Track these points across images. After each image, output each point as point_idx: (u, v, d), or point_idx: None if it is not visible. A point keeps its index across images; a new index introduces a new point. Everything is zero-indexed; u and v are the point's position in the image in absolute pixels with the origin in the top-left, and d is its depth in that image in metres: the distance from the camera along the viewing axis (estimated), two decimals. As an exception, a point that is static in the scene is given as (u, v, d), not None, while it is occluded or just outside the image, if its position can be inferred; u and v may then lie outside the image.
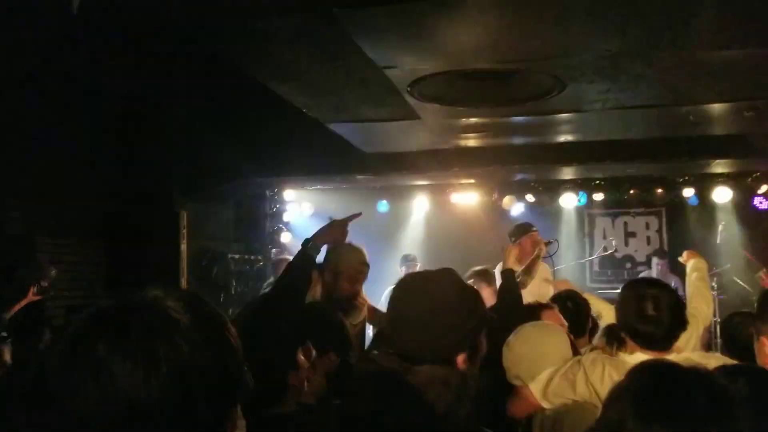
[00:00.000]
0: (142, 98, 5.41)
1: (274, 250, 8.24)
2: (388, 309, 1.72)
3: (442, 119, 5.34)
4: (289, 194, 8.63)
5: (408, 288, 1.71)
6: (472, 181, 8.30)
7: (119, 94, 5.29)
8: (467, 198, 8.57)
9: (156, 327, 0.92)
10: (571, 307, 3.44)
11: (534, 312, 3.07)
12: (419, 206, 8.86)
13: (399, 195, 8.85)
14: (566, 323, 3.08)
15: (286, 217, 8.61)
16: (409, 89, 4.28)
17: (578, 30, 3.47)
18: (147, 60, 4.34)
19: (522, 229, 5.53)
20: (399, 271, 7.56)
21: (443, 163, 6.91)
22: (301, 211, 8.77)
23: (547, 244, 4.94)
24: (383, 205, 8.85)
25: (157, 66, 4.44)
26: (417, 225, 9.06)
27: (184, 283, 6.39)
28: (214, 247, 7.45)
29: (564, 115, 5.38)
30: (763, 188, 7.85)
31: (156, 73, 4.57)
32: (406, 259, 7.44)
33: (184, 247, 6.45)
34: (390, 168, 7.09)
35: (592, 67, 4.02)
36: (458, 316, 1.63)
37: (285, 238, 8.43)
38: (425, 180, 8.36)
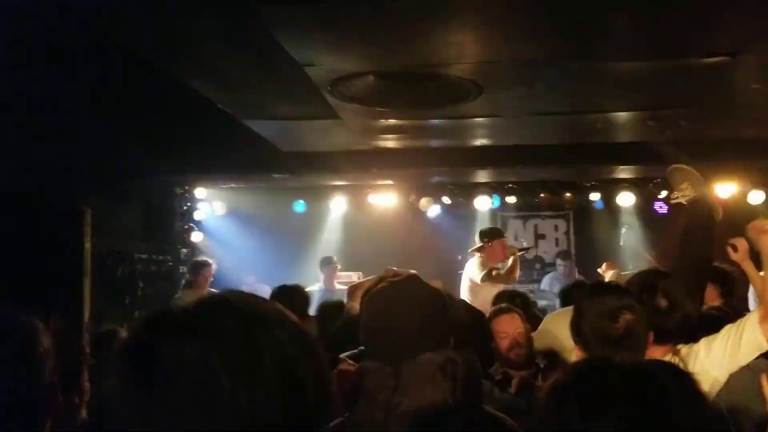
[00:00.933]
0: (44, 90, 5.09)
1: (184, 250, 7.98)
2: (372, 323, 1.72)
3: (362, 120, 5.32)
4: (200, 192, 8.36)
5: (389, 300, 1.71)
6: (390, 182, 8.32)
7: (18, 85, 4.95)
8: (385, 199, 8.59)
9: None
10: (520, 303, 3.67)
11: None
12: (336, 207, 8.80)
13: (316, 195, 8.75)
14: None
15: (197, 216, 8.34)
16: (329, 88, 4.23)
17: (497, 37, 3.53)
18: (51, 50, 4.08)
19: (495, 233, 6.13)
20: (318, 274, 7.50)
21: (362, 163, 6.89)
22: (213, 210, 8.54)
23: (526, 249, 5.47)
24: (300, 205, 8.73)
25: (62, 56, 4.19)
26: (334, 225, 8.99)
27: (87, 283, 6.07)
28: (120, 247, 7.12)
29: (480, 120, 5.47)
30: (663, 193, 8.25)
31: (60, 63, 4.31)
32: (327, 262, 7.41)
33: (88, 245, 6.12)
34: (308, 167, 7.00)
35: (509, 73, 4.11)
36: (439, 317, 1.69)
37: (196, 237, 8.17)
38: (343, 180, 8.32)
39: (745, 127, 5.71)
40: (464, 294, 5.90)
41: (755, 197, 8.05)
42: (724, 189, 8.05)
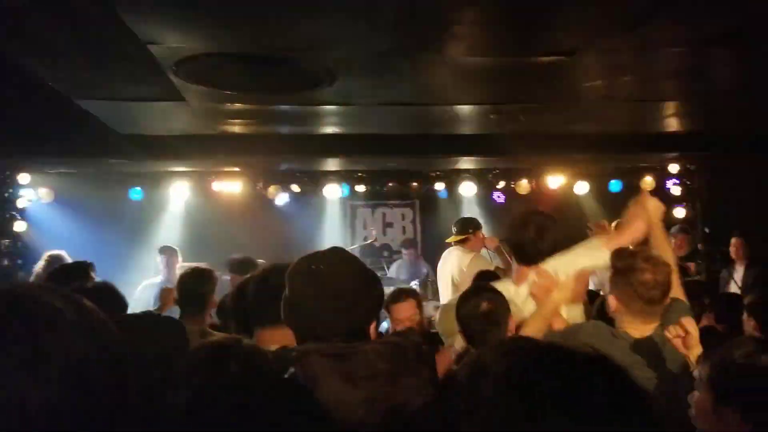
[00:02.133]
0: None
1: (5, 241, 7.26)
2: (296, 297, 1.73)
3: (208, 103, 5.08)
4: (24, 178, 7.63)
5: (313, 273, 1.74)
6: (237, 169, 8.08)
7: None
8: (230, 186, 8.32)
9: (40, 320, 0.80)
10: None
11: None
12: (178, 194, 8.38)
13: (155, 182, 8.29)
14: None
15: (20, 204, 7.61)
16: (174, 68, 3.97)
17: (351, 25, 3.50)
18: None
19: (477, 223, 6.18)
20: (156, 262, 7.11)
21: (207, 149, 6.61)
22: (38, 197, 7.83)
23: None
24: (137, 193, 8.24)
25: None
26: (175, 213, 8.57)
27: None
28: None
29: (331, 108, 5.44)
30: (502, 184, 8.74)
31: None
32: (167, 250, 7.06)
33: None
34: (147, 152, 6.59)
35: (361, 62, 4.10)
36: (367, 288, 1.76)
37: (19, 227, 7.46)
38: (185, 166, 7.95)
39: (575, 122, 6.15)
40: (444, 288, 5.83)
41: (580, 188, 8.74)
42: (555, 180, 8.69)
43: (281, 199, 8.45)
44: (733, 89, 5.03)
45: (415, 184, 8.61)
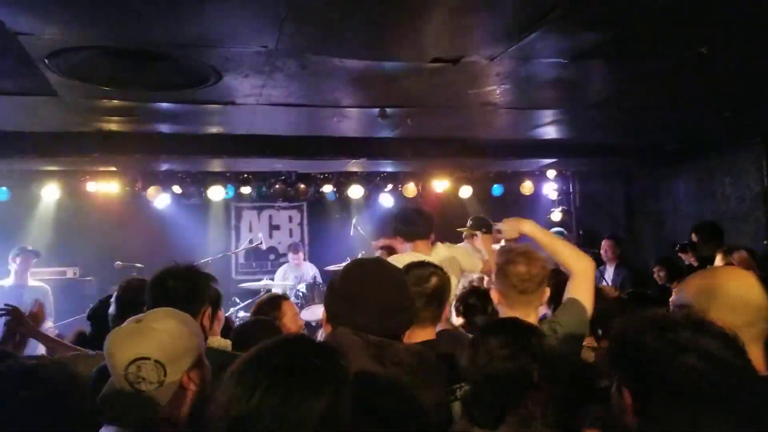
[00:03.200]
0: None
1: None
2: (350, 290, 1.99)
3: (83, 99, 4.77)
4: None
5: (374, 274, 2.04)
6: (113, 168, 7.67)
7: None
8: (106, 187, 7.90)
9: None
10: None
11: None
12: (48, 195, 7.85)
13: (23, 181, 7.73)
14: None
15: None
16: (47, 61, 3.70)
17: (237, 21, 3.40)
18: None
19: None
20: (10, 264, 6.64)
21: (81, 147, 6.23)
22: None
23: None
24: (2, 193, 7.65)
25: None
26: (45, 216, 8.03)
27: None
28: None
29: (216, 107, 5.27)
30: (389, 186, 8.85)
31: None
32: (21, 251, 6.63)
33: None
34: (14, 149, 6.13)
35: (248, 61, 3.99)
36: (409, 301, 2.07)
37: None
38: (57, 165, 7.46)
39: (460, 127, 6.32)
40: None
41: (465, 192, 9.01)
42: (440, 184, 8.91)
43: (161, 200, 8.11)
44: (605, 100, 5.34)
45: (302, 186, 8.55)
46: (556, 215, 9.16)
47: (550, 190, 9.49)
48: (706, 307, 1.80)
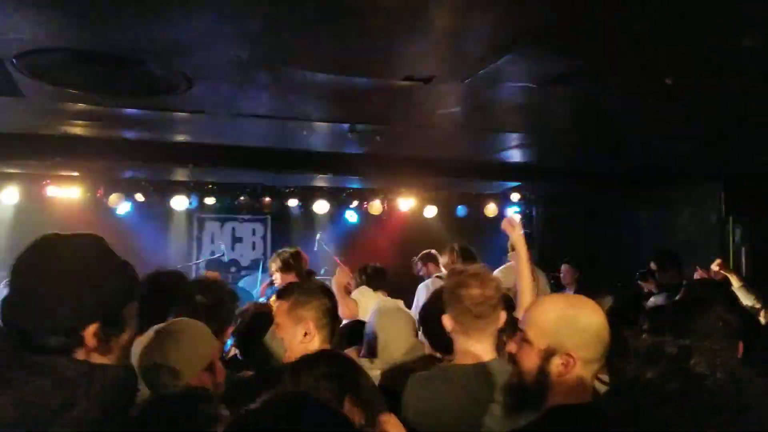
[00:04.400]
0: None
1: None
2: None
3: (49, 101, 4.69)
4: None
5: (37, 251, 1.51)
6: (76, 173, 7.53)
7: None
8: (67, 192, 7.75)
9: None
10: None
11: None
12: (6, 198, 7.66)
13: (-23, 183, 7.54)
14: None
15: None
16: (14, 61, 3.63)
17: (210, 30, 3.39)
18: None
19: None
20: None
21: (42, 150, 6.11)
22: None
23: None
24: (-43, 196, 7.46)
25: None
26: (4, 218, 7.83)
27: None
28: None
29: (185, 115, 5.23)
30: (355, 203, 8.86)
31: None
32: None
33: None
34: (-29, 151, 5.98)
35: (220, 70, 3.98)
36: (92, 279, 1.48)
37: None
38: (16, 168, 7.30)
39: (427, 147, 6.38)
40: None
41: (429, 212, 9.07)
42: (406, 203, 8.96)
43: (123, 207, 7.98)
44: (570, 126, 5.46)
45: (267, 199, 8.50)
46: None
47: (513, 213, 9.61)
48: (565, 336, 1.76)
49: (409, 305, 5.15)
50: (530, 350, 1.77)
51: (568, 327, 1.76)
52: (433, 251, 6.68)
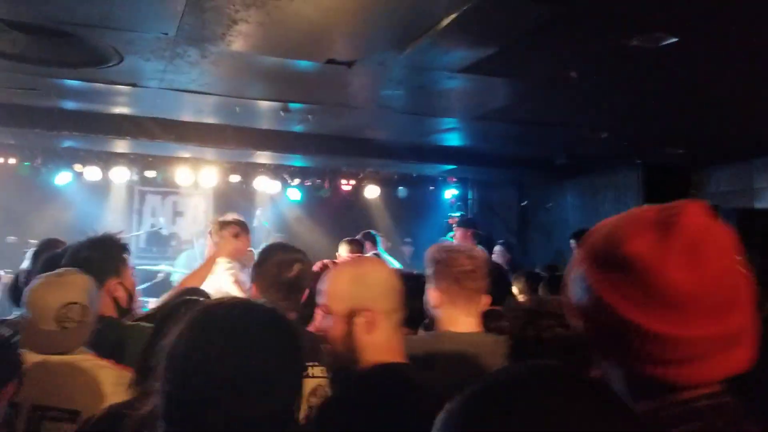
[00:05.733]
0: None
1: None
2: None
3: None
4: None
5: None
6: (12, 142, 7.51)
7: None
8: (4, 161, 7.73)
9: None
10: None
11: None
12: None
13: None
14: None
15: None
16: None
17: (138, 7, 3.51)
18: None
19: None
20: None
21: (-24, 117, 6.11)
22: None
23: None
24: None
25: None
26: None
27: None
28: None
29: (121, 87, 5.31)
30: (296, 180, 9.01)
31: None
32: None
33: None
34: None
35: (149, 45, 4.10)
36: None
37: None
38: (-51, 136, 7.25)
39: (360, 128, 6.58)
40: None
41: (371, 192, 9.30)
42: (348, 183, 9.16)
43: (62, 178, 7.99)
44: (494, 112, 5.71)
45: (209, 173, 8.58)
46: (454, 220, 9.59)
47: (451, 195, 9.92)
48: (361, 295, 1.80)
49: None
50: (335, 320, 1.80)
51: (361, 285, 1.81)
52: (373, 231, 6.95)
